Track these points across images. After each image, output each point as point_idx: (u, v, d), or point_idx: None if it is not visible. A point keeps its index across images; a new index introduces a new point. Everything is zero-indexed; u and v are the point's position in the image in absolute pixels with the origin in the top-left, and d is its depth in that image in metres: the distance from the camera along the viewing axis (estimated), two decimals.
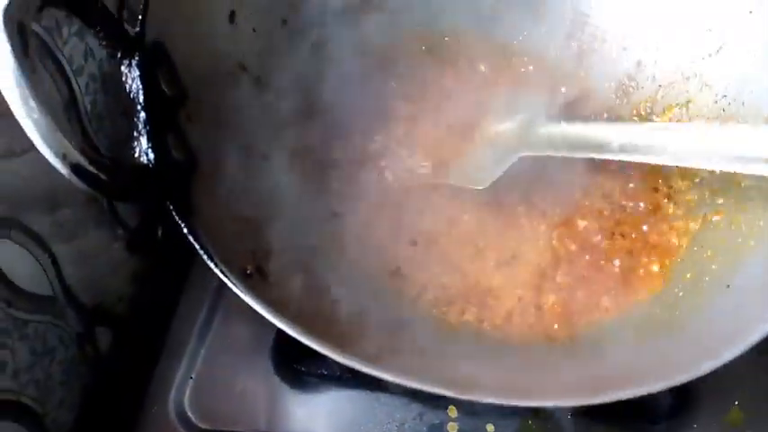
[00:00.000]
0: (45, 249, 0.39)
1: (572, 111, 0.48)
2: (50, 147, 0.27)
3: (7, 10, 0.26)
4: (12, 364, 0.36)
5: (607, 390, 0.29)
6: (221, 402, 0.43)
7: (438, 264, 0.43)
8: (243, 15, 0.43)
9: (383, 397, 0.43)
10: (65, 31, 0.39)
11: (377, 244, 0.43)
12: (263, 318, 0.44)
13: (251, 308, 0.36)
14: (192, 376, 0.45)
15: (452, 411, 0.42)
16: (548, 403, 0.30)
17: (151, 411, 0.43)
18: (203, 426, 0.42)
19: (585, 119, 0.47)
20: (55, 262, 0.40)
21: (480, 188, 0.42)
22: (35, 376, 0.38)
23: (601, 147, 0.38)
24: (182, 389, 0.44)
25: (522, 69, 0.50)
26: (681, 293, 0.38)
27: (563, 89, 0.49)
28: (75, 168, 0.28)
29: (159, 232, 0.49)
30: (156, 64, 0.35)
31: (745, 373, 0.41)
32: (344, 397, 0.43)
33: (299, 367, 0.44)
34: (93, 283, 0.45)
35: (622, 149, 0.37)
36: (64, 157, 0.27)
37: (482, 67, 0.51)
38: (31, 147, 0.27)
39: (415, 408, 0.42)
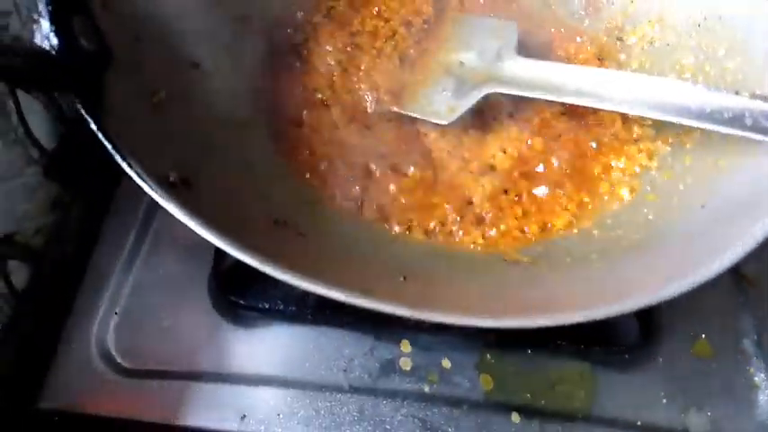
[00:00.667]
0: None
1: (538, 30, 0.45)
2: None
3: None
4: None
5: (557, 311, 0.27)
6: (150, 340, 0.39)
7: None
8: None
9: (330, 332, 0.39)
10: None
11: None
12: (197, 246, 0.40)
13: (184, 235, 0.32)
14: (117, 311, 0.40)
15: (405, 346, 0.39)
16: (507, 324, 0.27)
17: (70, 349, 0.39)
18: (129, 365, 0.38)
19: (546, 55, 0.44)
20: None
21: (444, 123, 0.40)
22: None
23: (559, 89, 0.38)
24: (105, 325, 0.40)
25: None
26: (650, 216, 0.36)
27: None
28: None
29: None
30: None
31: (713, 304, 0.39)
32: (289, 332, 0.40)
33: (238, 300, 0.40)
34: (2, 212, 0.39)
35: (579, 93, 0.37)
36: None
37: None
38: None
39: (366, 342, 0.39)
